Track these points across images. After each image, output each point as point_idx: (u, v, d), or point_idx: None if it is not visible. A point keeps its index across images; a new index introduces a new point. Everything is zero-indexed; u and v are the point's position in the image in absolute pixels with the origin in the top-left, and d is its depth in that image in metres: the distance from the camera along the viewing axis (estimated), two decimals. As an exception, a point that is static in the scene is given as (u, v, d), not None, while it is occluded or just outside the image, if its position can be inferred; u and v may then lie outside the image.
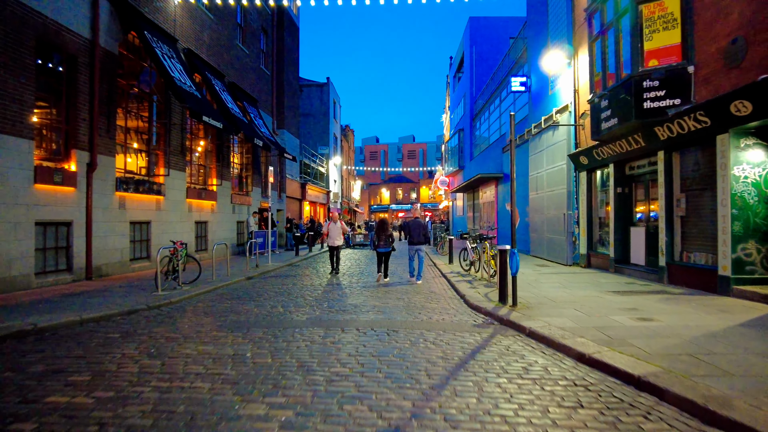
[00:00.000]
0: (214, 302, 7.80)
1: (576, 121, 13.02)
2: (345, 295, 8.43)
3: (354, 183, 55.46)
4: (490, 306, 6.88)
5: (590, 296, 7.69)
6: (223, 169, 16.64)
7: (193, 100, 11.53)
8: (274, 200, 22.07)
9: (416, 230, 10.35)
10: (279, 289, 9.17)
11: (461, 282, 9.67)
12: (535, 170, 16.59)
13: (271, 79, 22.79)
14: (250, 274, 11.55)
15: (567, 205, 13.63)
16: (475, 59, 30.83)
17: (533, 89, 17.41)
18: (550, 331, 5.23)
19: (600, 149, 11.11)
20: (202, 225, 15.47)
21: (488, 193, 25.19)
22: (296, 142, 26.85)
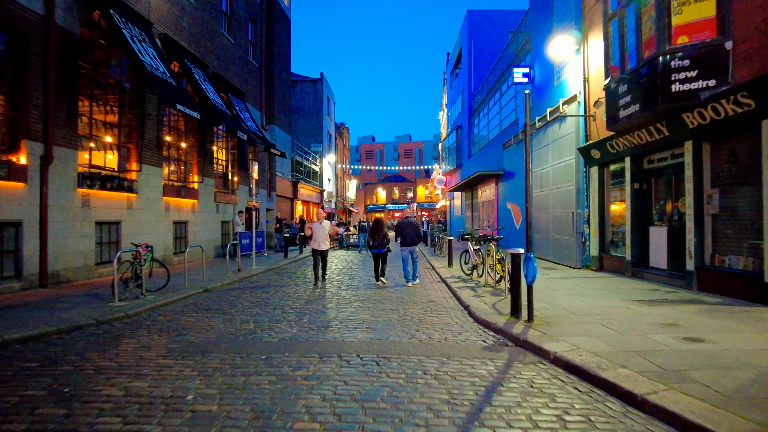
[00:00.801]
0: (177, 315, 6.68)
1: (586, 111, 11.98)
2: (331, 305, 7.32)
3: (349, 182, 54.34)
4: (501, 321, 5.79)
5: (615, 307, 6.63)
6: (205, 165, 15.50)
7: (165, 87, 10.40)
8: (262, 199, 20.94)
9: (409, 230, 9.86)
10: (256, 298, 8.06)
11: (463, 289, 8.59)
12: (539, 166, 15.55)
13: (260, 72, 21.65)
14: (230, 279, 10.43)
15: (576, 203, 12.59)
16: (473, 54, 29.81)
17: (537, 80, 16.37)
18: (581, 358, 4.16)
19: (615, 141, 10.07)
20: (182, 225, 14.33)
21: (488, 191, 24.15)
22: (287, 138, 25.72)
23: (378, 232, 9.98)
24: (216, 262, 14.17)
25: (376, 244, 9.91)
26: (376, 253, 10.04)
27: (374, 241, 9.92)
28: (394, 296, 8.25)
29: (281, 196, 24.68)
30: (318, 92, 34.99)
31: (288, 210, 26.40)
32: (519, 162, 18.42)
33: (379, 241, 9.90)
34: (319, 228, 10.22)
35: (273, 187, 22.79)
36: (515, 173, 19.12)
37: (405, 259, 9.95)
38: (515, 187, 19.16)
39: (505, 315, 6.11)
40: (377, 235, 9.94)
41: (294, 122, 33.82)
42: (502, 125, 22.00)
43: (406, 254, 9.93)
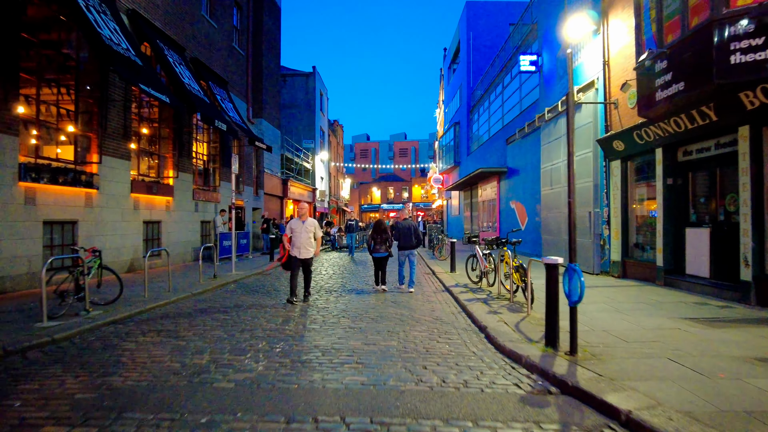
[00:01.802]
0: (117, 340, 5.27)
1: (607, 98, 10.67)
2: (314, 326, 5.91)
3: (343, 181, 52.91)
4: (535, 352, 4.43)
5: (670, 329, 5.30)
6: (182, 159, 14.03)
7: (126, 65, 8.95)
8: (249, 197, 19.50)
9: (406, 233, 9.24)
10: (224, 315, 6.64)
11: (474, 302, 7.22)
12: (548, 161, 14.24)
13: (246, 61, 20.19)
14: (201, 288, 9.00)
15: (593, 201, 11.28)
16: (472, 47, 28.52)
17: (545, 69, 15.06)
18: (673, 426, 2.80)
19: (645, 130, 8.76)
20: (154, 225, 12.86)
21: (489, 190, 22.85)
22: (277, 133, 24.27)
23: (380, 235, 9.21)
24: (194, 267, 12.71)
25: (379, 247, 9.16)
26: (378, 258, 9.24)
27: (376, 244, 9.17)
28: (392, 312, 6.87)
29: (270, 195, 23.23)
30: (310, 87, 33.54)
31: (277, 209, 24.95)
32: (525, 157, 17.11)
33: (381, 243, 9.17)
34: (301, 228, 7.61)
35: (260, 184, 21.34)
36: (520, 170, 17.81)
37: (401, 264, 9.45)
38: (520, 184, 17.86)
39: (537, 343, 4.75)
40: (379, 237, 9.18)
41: (285, 118, 32.36)
42: (504, 120, 20.71)
43: (403, 259, 9.39)
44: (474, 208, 26.88)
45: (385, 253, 9.19)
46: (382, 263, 9.30)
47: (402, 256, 9.36)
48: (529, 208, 16.71)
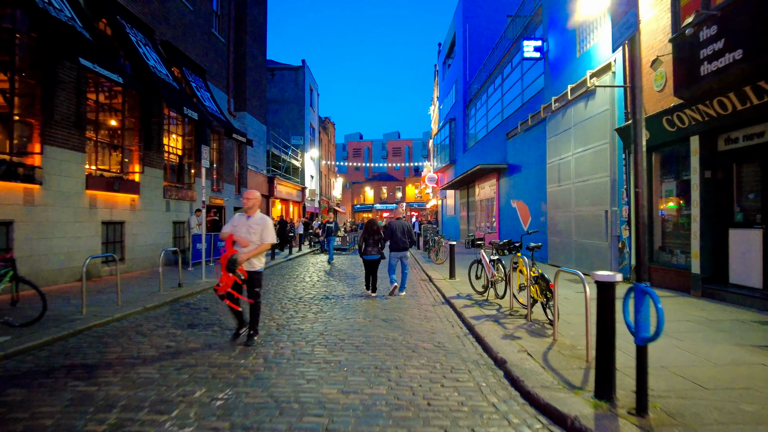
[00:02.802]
0: (9, 380, 3.86)
1: (627, 81, 9.39)
2: (278, 361, 4.49)
3: (335, 180, 51.48)
4: (585, 411, 3.07)
5: (750, 365, 3.99)
6: (151, 153, 12.57)
7: (63, 34, 7.51)
8: (229, 196, 18.05)
9: (399, 233, 8.56)
10: (167, 341, 5.23)
11: (483, 321, 5.88)
12: (556, 156, 12.96)
13: (228, 50, 18.72)
14: (155, 302, 7.58)
15: (610, 199, 10.01)
16: (468, 39, 27.28)
17: (551, 55, 13.80)
18: None
19: (678, 114, 7.48)
20: (116, 227, 11.40)
21: (487, 188, 21.57)
22: (262, 128, 22.82)
23: (371, 236, 8.59)
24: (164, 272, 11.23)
25: (371, 249, 8.54)
26: (369, 261, 8.61)
27: (368, 246, 8.55)
28: (381, 334, 5.50)
29: (254, 193, 21.76)
30: (299, 81, 32.10)
31: (263, 209, 23.48)
32: (528, 152, 15.83)
33: (373, 245, 8.57)
34: (244, 227, 5.07)
35: (243, 182, 19.88)
36: (522, 166, 16.53)
37: (392, 267, 8.74)
38: (522, 181, 16.58)
39: (582, 390, 3.41)
40: (371, 239, 8.57)
41: (273, 113, 30.91)
42: (504, 113, 19.44)
43: (394, 261, 8.70)
44: (471, 207, 25.61)
45: (376, 255, 8.59)
46: (373, 266, 8.67)
47: (394, 259, 8.69)
48: (533, 207, 15.40)
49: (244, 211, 5.25)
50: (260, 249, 5.04)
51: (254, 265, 5.12)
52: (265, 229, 5.13)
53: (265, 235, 5.11)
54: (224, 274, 4.79)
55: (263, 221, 5.15)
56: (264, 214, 5.29)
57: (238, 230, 5.08)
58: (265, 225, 5.12)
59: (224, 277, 4.81)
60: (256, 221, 5.13)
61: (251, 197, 5.18)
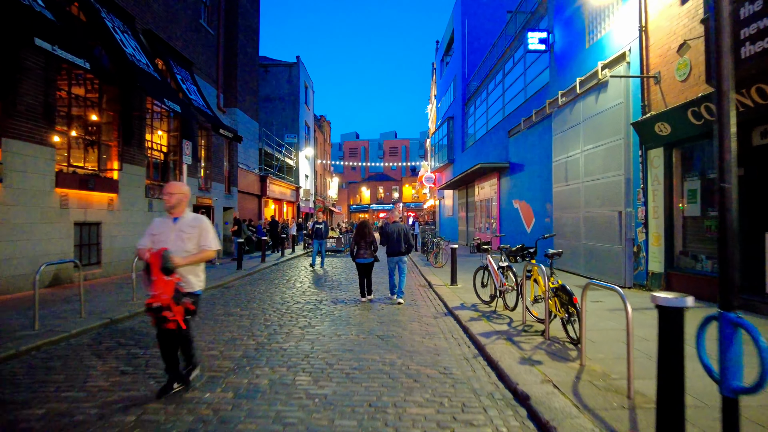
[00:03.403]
0: None
1: (644, 71, 8.66)
2: (250, 395, 3.69)
3: (331, 180, 50.66)
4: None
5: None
6: (131, 149, 11.74)
7: (16, 10, 6.68)
8: (219, 195, 17.23)
9: (396, 237, 8.13)
10: (125, 367, 4.43)
11: (494, 339, 5.11)
12: (563, 153, 12.22)
13: (217, 42, 17.90)
14: (127, 312, 6.76)
15: (625, 199, 9.27)
16: (467, 35, 26.55)
17: (557, 47, 13.06)
18: None
19: (707, 105, 6.74)
20: (91, 228, 10.56)
21: (487, 188, 20.82)
22: (254, 125, 21.99)
23: (364, 238, 8.20)
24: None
25: (363, 252, 8.16)
26: (362, 264, 8.18)
27: (360, 249, 8.18)
28: (377, 357, 4.72)
29: (246, 193, 20.95)
30: (294, 78, 31.26)
31: (255, 209, 22.67)
32: (531, 150, 15.10)
33: (366, 248, 8.18)
34: (172, 234, 3.67)
35: (234, 181, 19.05)
36: (525, 164, 15.79)
37: (391, 272, 8.30)
38: (525, 181, 15.84)
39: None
40: (363, 241, 8.20)
41: (266, 111, 30.08)
42: (505, 110, 18.71)
43: (392, 266, 8.25)
44: (470, 208, 24.87)
45: (369, 258, 8.16)
46: (367, 270, 8.25)
47: (391, 263, 8.26)
48: (536, 208, 14.71)
49: (167, 211, 3.73)
50: (199, 257, 3.64)
51: (189, 283, 3.62)
52: (203, 233, 3.70)
53: (204, 241, 3.69)
54: (158, 279, 3.38)
55: (199, 222, 3.73)
56: (197, 213, 3.91)
57: (162, 239, 3.60)
58: (202, 227, 3.71)
59: (159, 284, 3.38)
60: (189, 223, 3.69)
61: (175, 191, 3.68)
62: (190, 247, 3.64)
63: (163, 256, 3.37)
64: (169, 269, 3.37)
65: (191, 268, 3.64)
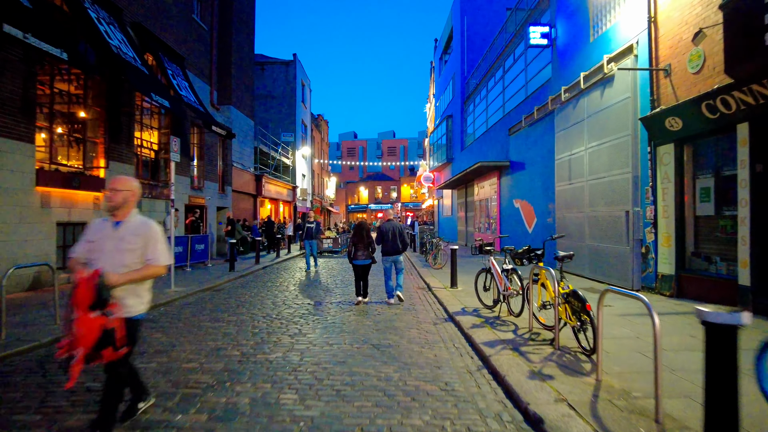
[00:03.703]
0: None
1: (653, 64, 8.27)
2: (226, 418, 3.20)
3: (328, 180, 50.22)
4: None
5: None
6: (119, 146, 11.30)
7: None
8: (212, 194, 16.79)
9: (391, 236, 8.03)
10: (91, 383, 4.00)
11: (500, 349, 4.69)
12: (567, 150, 11.83)
13: (211, 38, 17.46)
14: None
15: (632, 198, 8.88)
16: (466, 33, 26.17)
17: (560, 41, 12.67)
18: None
19: (724, 98, 6.34)
20: (76, 228, 10.12)
21: (487, 187, 20.43)
22: (250, 123, 21.56)
23: (362, 239, 7.98)
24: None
25: (360, 253, 7.94)
26: (359, 266, 7.96)
27: (357, 250, 7.95)
28: (371, 371, 4.31)
29: (241, 192, 20.51)
30: (290, 76, 30.82)
31: (250, 209, 22.23)
32: (533, 148, 14.70)
33: (363, 249, 7.96)
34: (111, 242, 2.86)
35: (228, 180, 18.61)
36: (526, 163, 15.39)
37: (387, 272, 8.10)
38: (526, 180, 15.44)
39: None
40: (361, 242, 7.97)
41: (262, 109, 29.64)
42: (505, 108, 18.32)
43: (388, 265, 8.08)
44: (469, 207, 24.46)
45: (367, 260, 7.96)
46: (363, 272, 8.01)
47: (387, 263, 8.08)
48: (538, 208, 14.32)
49: (107, 212, 2.96)
50: (141, 275, 2.85)
51: (127, 307, 2.83)
52: (150, 244, 2.90)
53: (152, 254, 2.89)
54: (82, 317, 2.55)
55: (146, 230, 2.92)
56: (145, 217, 3.05)
57: (97, 249, 2.83)
58: (149, 236, 2.91)
59: (82, 324, 2.54)
60: (133, 230, 2.89)
61: (120, 187, 2.92)
62: (131, 261, 2.85)
63: (98, 287, 2.56)
64: (104, 302, 2.59)
65: (132, 287, 2.85)
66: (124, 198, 2.92)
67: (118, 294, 2.76)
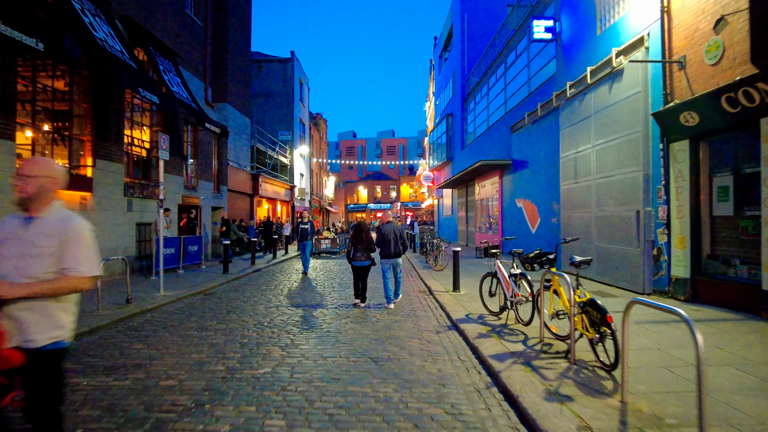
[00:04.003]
0: None
1: (666, 55, 7.85)
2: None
3: (327, 179, 49.77)
4: None
5: None
6: (108, 144, 10.86)
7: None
8: (207, 194, 16.35)
9: (391, 238, 7.78)
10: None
11: (511, 366, 4.27)
12: (572, 148, 11.41)
13: (205, 34, 17.00)
14: (90, 325, 5.91)
15: (643, 197, 8.46)
16: (467, 30, 25.75)
17: (565, 36, 12.25)
18: None
19: (746, 90, 5.92)
20: (60, 230, 9.67)
21: (488, 186, 20.01)
22: (246, 121, 21.11)
23: (361, 240, 7.80)
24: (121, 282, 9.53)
25: (360, 255, 7.77)
26: (358, 267, 7.80)
27: (356, 251, 7.79)
28: (368, 391, 3.89)
29: (237, 192, 20.07)
30: (288, 74, 30.37)
31: (247, 209, 21.80)
32: (536, 146, 14.29)
33: (363, 250, 7.79)
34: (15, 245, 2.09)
35: (223, 179, 18.16)
36: (529, 161, 14.98)
37: (386, 274, 7.81)
38: (529, 179, 15.03)
39: None
40: (360, 243, 7.79)
41: (260, 107, 29.20)
42: (507, 105, 17.91)
43: (386, 267, 7.84)
44: (470, 207, 24.05)
45: (366, 261, 7.81)
46: (363, 273, 7.86)
47: (386, 266, 7.84)
48: (542, 207, 13.90)
49: (18, 205, 2.19)
50: (54, 288, 2.08)
51: (32, 335, 2.05)
52: (69, 246, 2.13)
53: (70, 261, 2.12)
54: None
55: (65, 228, 2.16)
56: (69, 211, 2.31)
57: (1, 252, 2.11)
58: (69, 237, 2.14)
59: None
60: (47, 229, 2.14)
61: (33, 172, 2.18)
62: (40, 270, 2.07)
63: None
64: None
65: (40, 305, 2.06)
66: (40, 187, 2.15)
67: (15, 314, 2.00)
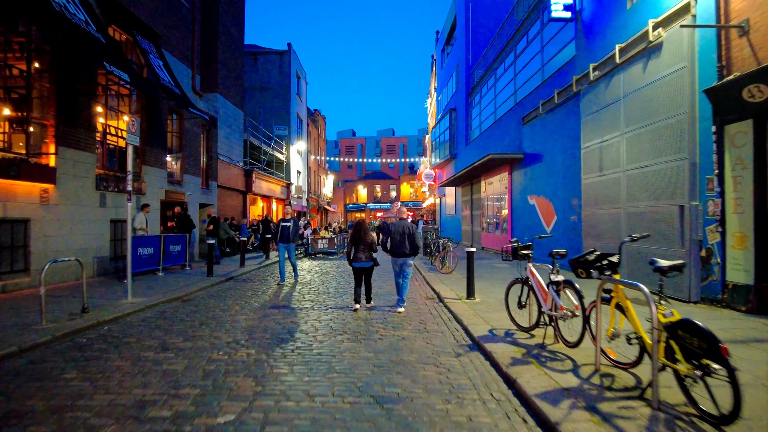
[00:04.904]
0: None
1: (722, 20, 6.65)
2: None
3: (326, 178, 48.52)
4: None
5: None
6: (75, 130, 9.64)
7: None
8: (193, 189, 15.12)
9: (400, 237, 7.22)
10: None
11: (571, 412, 3.05)
12: (596, 137, 10.21)
13: (193, 18, 15.76)
14: (24, 343, 4.67)
15: (689, 189, 7.26)
16: (471, 20, 24.59)
17: (586, 13, 11.07)
18: None
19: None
20: (15, 226, 8.46)
21: (496, 183, 18.80)
22: (239, 114, 19.88)
23: (362, 240, 7.23)
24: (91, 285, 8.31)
25: (361, 255, 7.21)
26: (360, 268, 7.22)
27: (357, 252, 7.23)
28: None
29: (228, 188, 18.82)
30: (285, 66, 29.14)
31: (239, 206, 20.56)
32: (551, 137, 13.08)
33: (364, 251, 7.23)
34: None
35: (213, 175, 16.92)
36: (544, 154, 13.77)
37: (397, 275, 7.40)
38: (543, 173, 13.82)
39: None
40: (361, 243, 7.23)
41: (255, 101, 27.99)
42: (517, 95, 16.71)
43: (397, 268, 7.38)
44: (475, 206, 22.83)
45: (368, 262, 7.21)
46: (364, 275, 7.27)
47: (396, 266, 7.39)
48: (559, 204, 12.69)
49: None
50: None
51: None
52: None
53: None
54: None
55: None
56: None
57: None
58: None
59: None
60: None
61: None
62: None
63: None
64: None
65: None
66: None
67: None
